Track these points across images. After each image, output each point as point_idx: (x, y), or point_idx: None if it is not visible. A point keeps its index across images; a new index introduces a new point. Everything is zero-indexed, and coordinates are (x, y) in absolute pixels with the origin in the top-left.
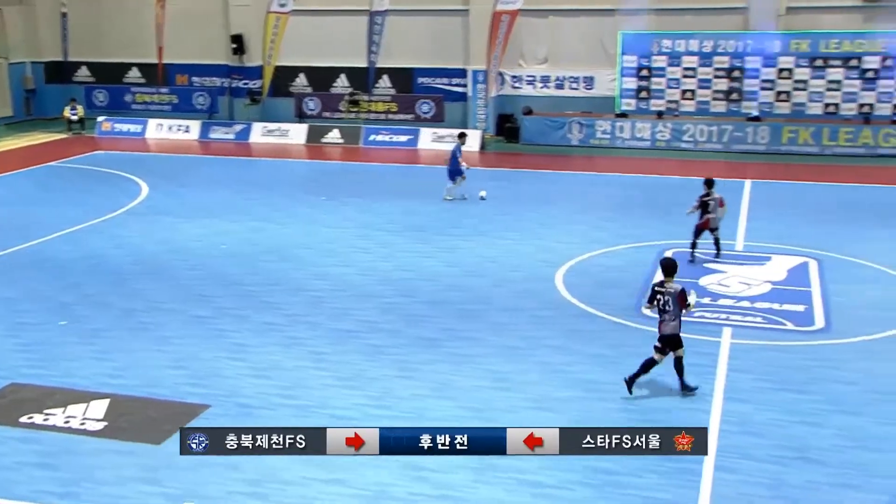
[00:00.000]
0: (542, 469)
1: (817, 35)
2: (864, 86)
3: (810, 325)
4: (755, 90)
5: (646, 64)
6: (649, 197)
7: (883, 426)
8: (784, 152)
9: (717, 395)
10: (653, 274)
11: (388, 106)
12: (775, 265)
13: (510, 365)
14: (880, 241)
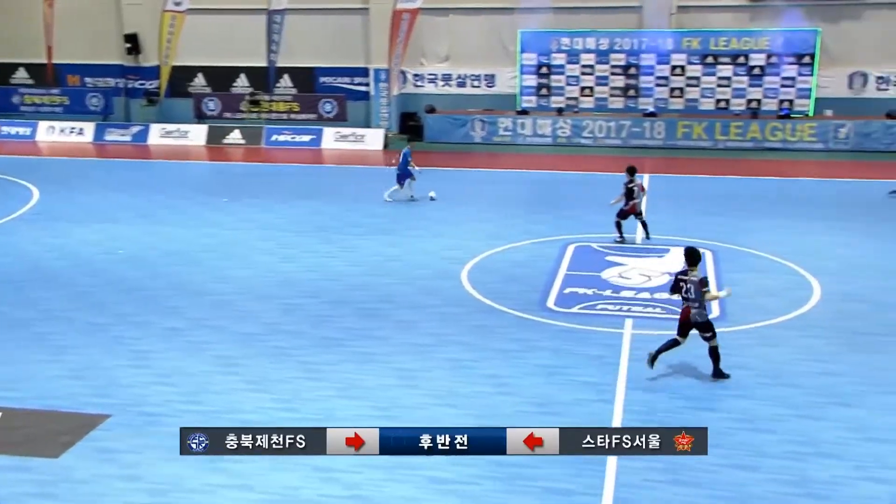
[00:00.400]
0: (450, 465)
1: (707, 33)
2: (752, 82)
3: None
4: (651, 87)
5: (545, 62)
6: (552, 192)
7: (772, 408)
8: (679, 147)
9: (620, 385)
10: (557, 268)
11: (290, 106)
12: (674, 257)
13: (416, 362)
14: (769, 231)
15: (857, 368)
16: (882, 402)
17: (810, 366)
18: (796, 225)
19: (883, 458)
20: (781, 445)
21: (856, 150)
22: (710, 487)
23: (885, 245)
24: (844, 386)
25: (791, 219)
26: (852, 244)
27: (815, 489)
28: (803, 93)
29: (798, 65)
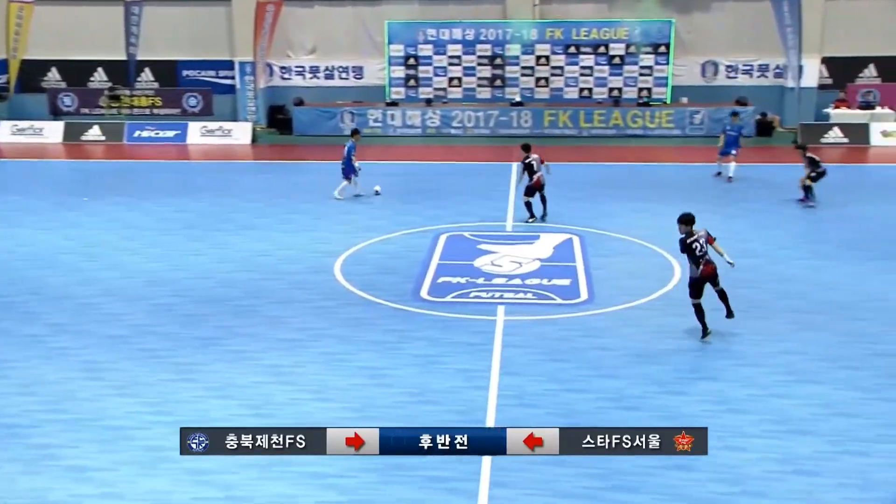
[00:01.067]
0: (326, 459)
1: (570, 24)
2: (612, 71)
3: (576, 298)
4: (516, 76)
5: (412, 53)
6: (423, 183)
7: (636, 386)
8: (546, 135)
9: (494, 371)
10: (430, 258)
11: (153, 100)
12: (543, 243)
13: (289, 358)
14: (632, 215)
15: (716, 344)
16: (740, 375)
17: (675, 343)
18: (657, 208)
19: (740, 429)
20: (649, 421)
21: (709, 136)
22: (582, 466)
23: (736, 225)
24: (706, 361)
25: (652, 202)
26: (708, 225)
27: (679, 461)
28: (660, 81)
29: (655, 54)
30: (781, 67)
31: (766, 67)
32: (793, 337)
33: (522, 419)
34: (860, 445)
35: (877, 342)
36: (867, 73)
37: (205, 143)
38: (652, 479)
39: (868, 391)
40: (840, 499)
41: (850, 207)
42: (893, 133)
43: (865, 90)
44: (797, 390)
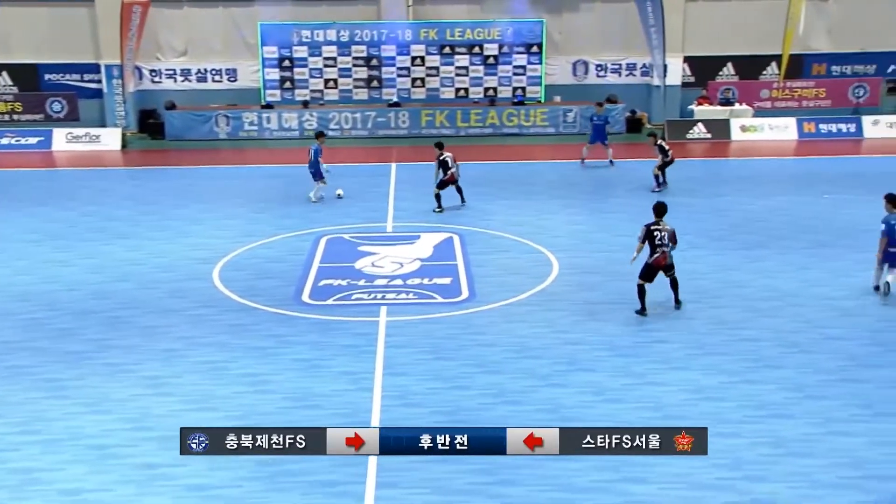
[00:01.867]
0: (208, 471)
1: (444, 24)
2: (487, 71)
3: (457, 296)
4: (393, 77)
5: (287, 54)
6: (301, 186)
7: (518, 380)
8: (424, 135)
9: (377, 372)
10: (310, 261)
11: (12, 106)
12: (424, 242)
13: (167, 368)
14: (510, 212)
15: (593, 336)
16: (615, 365)
17: (554, 337)
18: (534, 205)
19: (617, 416)
20: (530, 414)
21: (582, 133)
22: (469, 463)
23: (609, 220)
24: (583, 353)
25: (529, 200)
26: (583, 220)
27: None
28: (534, 80)
29: (528, 54)
30: (648, 66)
31: (634, 66)
32: (664, 326)
33: (406, 419)
34: (729, 427)
35: (739, 328)
36: (726, 71)
37: (71, 150)
38: (531, 471)
39: (733, 375)
40: (715, 479)
41: (715, 200)
42: (751, 128)
43: (725, 87)
44: (669, 377)
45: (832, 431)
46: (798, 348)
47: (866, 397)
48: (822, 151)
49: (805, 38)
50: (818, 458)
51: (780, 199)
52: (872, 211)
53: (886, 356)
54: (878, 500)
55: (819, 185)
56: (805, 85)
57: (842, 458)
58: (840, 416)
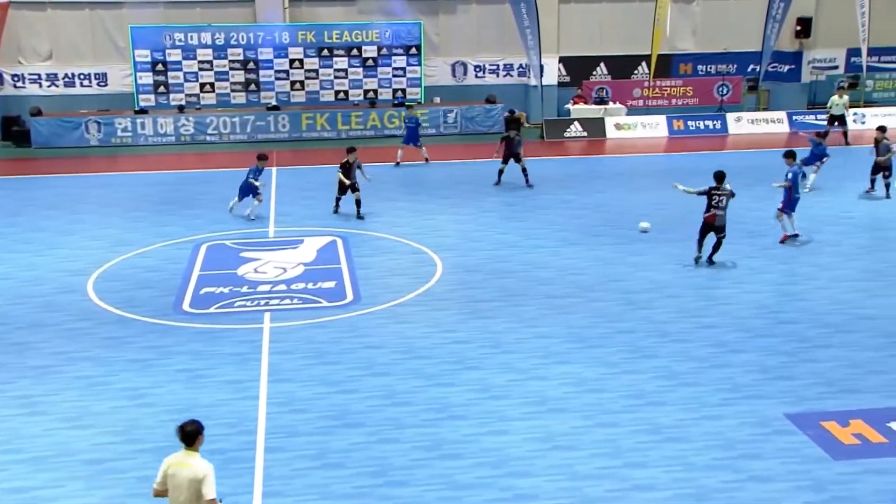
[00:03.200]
0: (23, 472)
1: (321, 26)
2: (367, 73)
3: (342, 299)
4: (271, 80)
5: (160, 58)
6: (179, 192)
7: (409, 381)
8: (305, 139)
9: (262, 380)
10: (190, 269)
11: None
12: (307, 247)
13: (41, 386)
14: (393, 214)
15: (478, 334)
16: (500, 362)
17: (440, 337)
18: (417, 206)
19: (502, 411)
20: (419, 414)
21: (463, 133)
22: (355, 466)
23: (491, 218)
24: (470, 351)
25: (412, 201)
26: (465, 220)
27: (447, 450)
28: (414, 82)
29: (407, 55)
30: (525, 67)
31: (511, 67)
32: (546, 321)
33: (294, 425)
34: (610, 417)
35: (618, 321)
36: (599, 71)
37: None
38: (420, 471)
39: (613, 366)
40: (595, 469)
41: (593, 196)
42: (625, 126)
43: (599, 87)
44: (552, 371)
45: (705, 416)
46: (672, 337)
47: (734, 381)
48: (691, 147)
49: (672, 38)
50: (692, 442)
51: (653, 193)
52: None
53: (752, 342)
54: (748, 478)
55: (690, 179)
56: (673, 84)
57: (714, 440)
58: (711, 401)
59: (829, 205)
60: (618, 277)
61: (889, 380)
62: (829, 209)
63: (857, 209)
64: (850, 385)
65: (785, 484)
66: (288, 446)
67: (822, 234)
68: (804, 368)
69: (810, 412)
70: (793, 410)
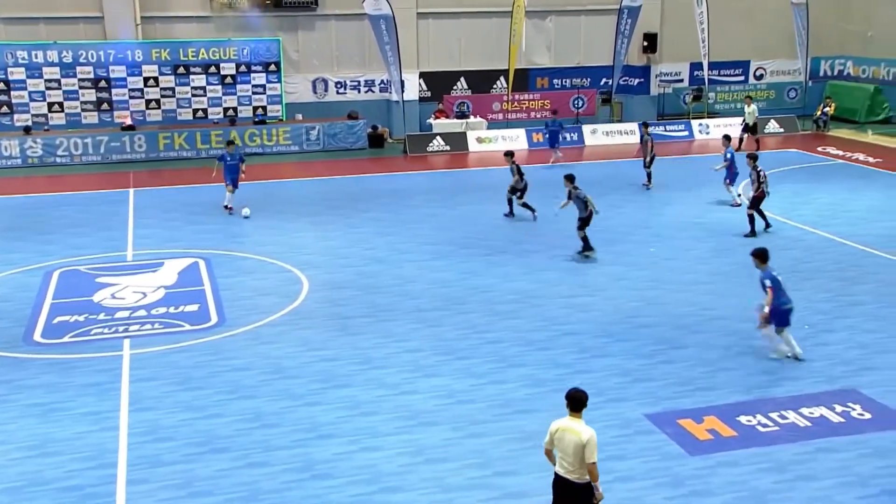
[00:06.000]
0: None
1: (176, 44)
2: (226, 91)
3: (206, 322)
4: (125, 99)
5: (2, 77)
6: (28, 218)
7: (277, 402)
8: (163, 158)
9: (122, 409)
10: (42, 297)
11: None
12: (168, 270)
13: None
14: (258, 233)
15: (347, 351)
16: (370, 378)
17: (308, 356)
18: (281, 225)
19: (373, 429)
20: (288, 436)
21: (326, 150)
22: (224, 493)
23: (358, 235)
24: (339, 368)
25: (276, 219)
26: (332, 236)
27: (319, 470)
28: (274, 99)
29: (266, 72)
30: (386, 82)
31: (373, 83)
32: (415, 335)
33: (157, 454)
34: (479, 427)
35: (485, 332)
36: (459, 85)
37: None
38: (291, 493)
39: (481, 377)
40: (466, 480)
41: (459, 209)
42: (486, 139)
43: (460, 101)
44: (422, 385)
45: None
46: (538, 346)
47: (597, 386)
48: (549, 159)
49: (528, 53)
50: None
51: (516, 205)
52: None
53: (613, 346)
54: (614, 479)
55: (549, 191)
56: (531, 97)
57: None
58: None
59: (683, 211)
60: (484, 289)
61: (736, 376)
62: (681, 215)
63: (708, 215)
64: (703, 383)
65: (646, 482)
66: (151, 477)
67: (677, 239)
68: (662, 370)
69: (668, 411)
70: (652, 411)
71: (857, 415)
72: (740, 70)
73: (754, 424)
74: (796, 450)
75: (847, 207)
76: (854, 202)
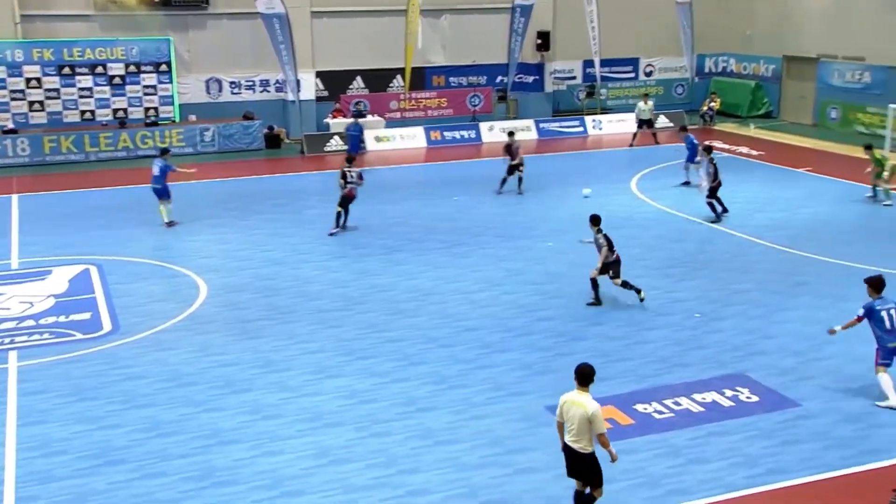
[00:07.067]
0: None
1: (60, 43)
2: (115, 92)
3: (99, 331)
4: (6, 101)
5: None
6: None
7: (173, 410)
8: (49, 162)
9: (9, 424)
10: None
11: None
12: (56, 278)
13: None
14: (150, 237)
15: (247, 354)
16: (271, 381)
17: (207, 361)
18: (176, 228)
19: (275, 431)
20: (187, 444)
21: (221, 151)
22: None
23: (254, 236)
24: (239, 373)
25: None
26: (228, 239)
27: (219, 477)
28: (166, 100)
29: (157, 73)
30: (281, 82)
31: (268, 82)
32: (317, 336)
33: (49, 469)
34: (382, 427)
35: (386, 330)
36: (356, 84)
37: None
38: (188, 502)
39: (383, 376)
40: (370, 480)
41: (356, 208)
42: (384, 138)
43: (357, 100)
44: (324, 386)
45: (473, 416)
46: (439, 343)
47: (498, 381)
48: (448, 157)
49: (424, 52)
50: (463, 443)
51: (414, 203)
52: (491, 209)
53: (513, 341)
54: (515, 472)
55: (447, 188)
56: (428, 96)
57: (483, 439)
58: (478, 401)
59: (580, 205)
60: (384, 287)
61: (633, 365)
62: (578, 210)
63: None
64: (601, 373)
65: (548, 473)
66: (42, 494)
67: (575, 233)
68: (561, 362)
69: None
70: (553, 402)
71: (746, 398)
72: (630, 67)
73: (650, 412)
74: (690, 434)
75: (734, 199)
76: (739, 194)
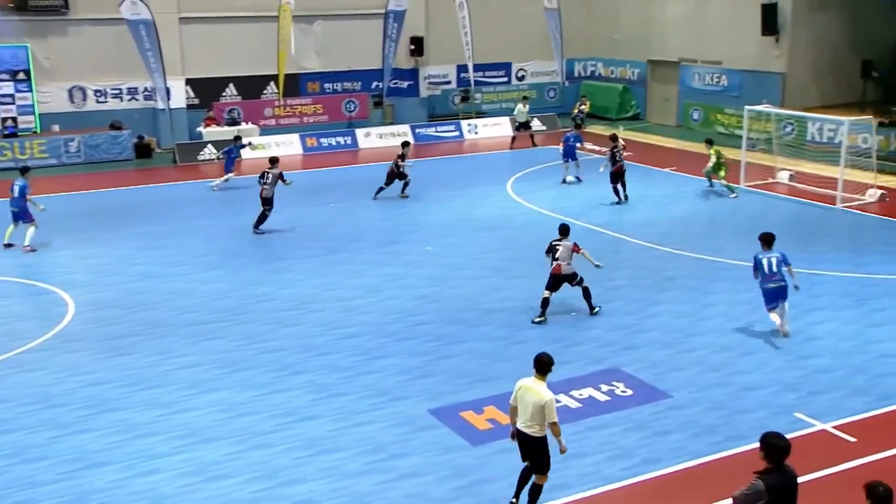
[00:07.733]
0: None
1: None
2: None
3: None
4: None
5: None
6: None
7: (39, 433)
8: None
9: None
10: None
11: None
12: None
13: None
14: (11, 253)
15: (118, 372)
16: (144, 399)
17: (75, 381)
18: (39, 243)
19: (150, 450)
20: (56, 468)
21: (88, 163)
22: None
23: (123, 249)
24: (109, 392)
25: (34, 238)
26: (97, 254)
27: (91, 500)
28: (26, 109)
29: (14, 81)
30: (150, 90)
31: (136, 90)
32: (192, 350)
33: None
34: (262, 439)
35: (265, 340)
36: (229, 91)
37: None
38: None
39: (263, 387)
40: (251, 494)
41: (230, 219)
42: (259, 146)
43: (230, 108)
44: (201, 400)
45: (355, 423)
46: (319, 351)
47: (379, 386)
48: (325, 163)
49: (298, 58)
50: (345, 451)
51: (292, 211)
52: (370, 215)
53: (393, 346)
54: (398, 477)
55: (324, 195)
56: (303, 102)
57: (365, 446)
58: (360, 408)
59: (456, 208)
60: (263, 297)
61: (512, 366)
62: (454, 213)
63: (477, 211)
64: (481, 375)
65: (431, 476)
66: None
67: (452, 236)
68: (442, 365)
69: (450, 405)
70: (435, 406)
71: (621, 392)
72: (503, 71)
73: None
74: (569, 430)
75: (606, 199)
76: (611, 193)
